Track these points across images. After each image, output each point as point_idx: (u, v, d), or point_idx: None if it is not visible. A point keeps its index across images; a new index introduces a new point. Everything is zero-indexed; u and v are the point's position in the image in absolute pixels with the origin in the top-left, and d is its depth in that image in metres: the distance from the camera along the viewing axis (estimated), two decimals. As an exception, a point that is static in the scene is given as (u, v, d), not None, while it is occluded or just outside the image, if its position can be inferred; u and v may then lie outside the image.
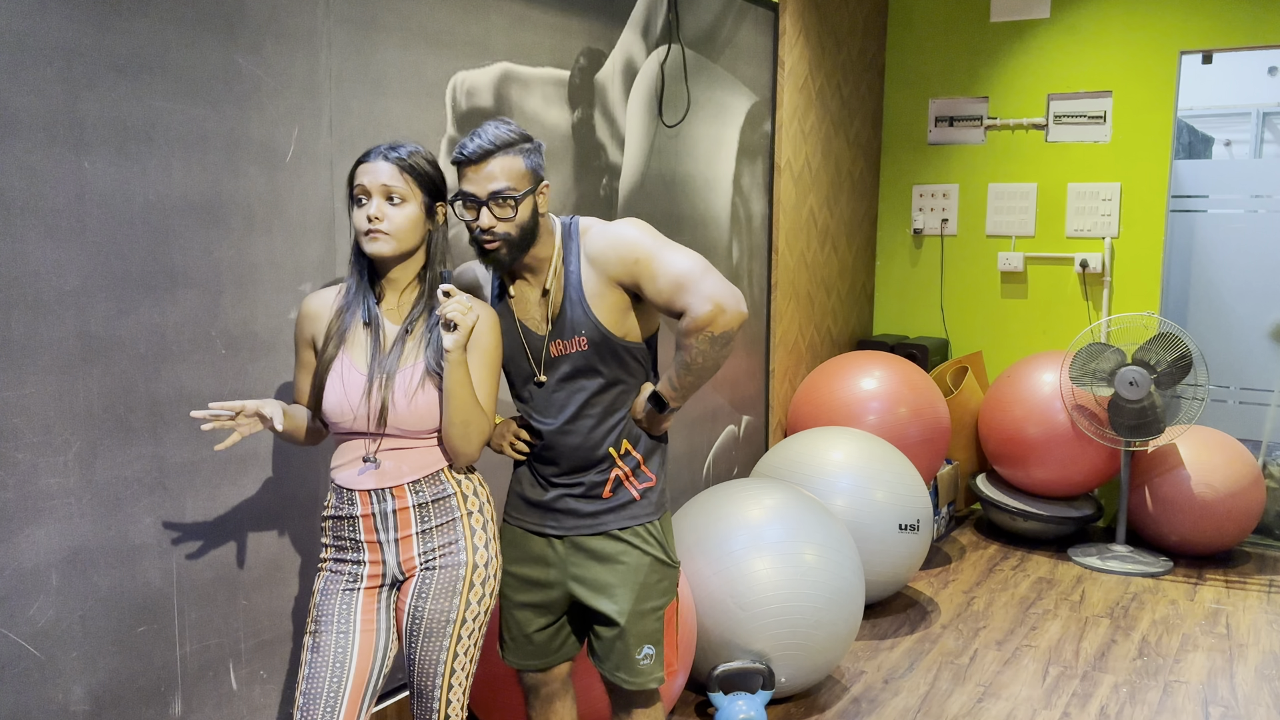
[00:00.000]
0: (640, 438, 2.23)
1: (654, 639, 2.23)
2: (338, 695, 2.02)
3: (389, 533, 2.06)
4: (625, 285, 2.12)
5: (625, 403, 2.20)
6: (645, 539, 2.23)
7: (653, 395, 2.20)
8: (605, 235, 2.13)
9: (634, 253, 2.09)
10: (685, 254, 2.09)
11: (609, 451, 2.20)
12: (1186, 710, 3.30)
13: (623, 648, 2.21)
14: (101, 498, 2.10)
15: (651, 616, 2.22)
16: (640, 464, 2.23)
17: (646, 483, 2.24)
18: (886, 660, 3.64)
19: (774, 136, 4.52)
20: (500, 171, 2.02)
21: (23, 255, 1.94)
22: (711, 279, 2.06)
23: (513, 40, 3.06)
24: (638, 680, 2.22)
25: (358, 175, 2.01)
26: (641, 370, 2.22)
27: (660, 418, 2.22)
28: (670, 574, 2.26)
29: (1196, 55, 4.99)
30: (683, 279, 2.06)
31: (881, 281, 5.73)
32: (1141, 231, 5.06)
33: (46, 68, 1.95)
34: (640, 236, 2.10)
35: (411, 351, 2.05)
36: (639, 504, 2.23)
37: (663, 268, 2.07)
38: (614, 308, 2.13)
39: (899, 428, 4.43)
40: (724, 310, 2.05)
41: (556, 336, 2.15)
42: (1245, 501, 4.56)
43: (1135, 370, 4.48)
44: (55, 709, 2.06)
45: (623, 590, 2.20)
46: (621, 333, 2.15)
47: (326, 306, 2.10)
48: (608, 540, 2.22)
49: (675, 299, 2.07)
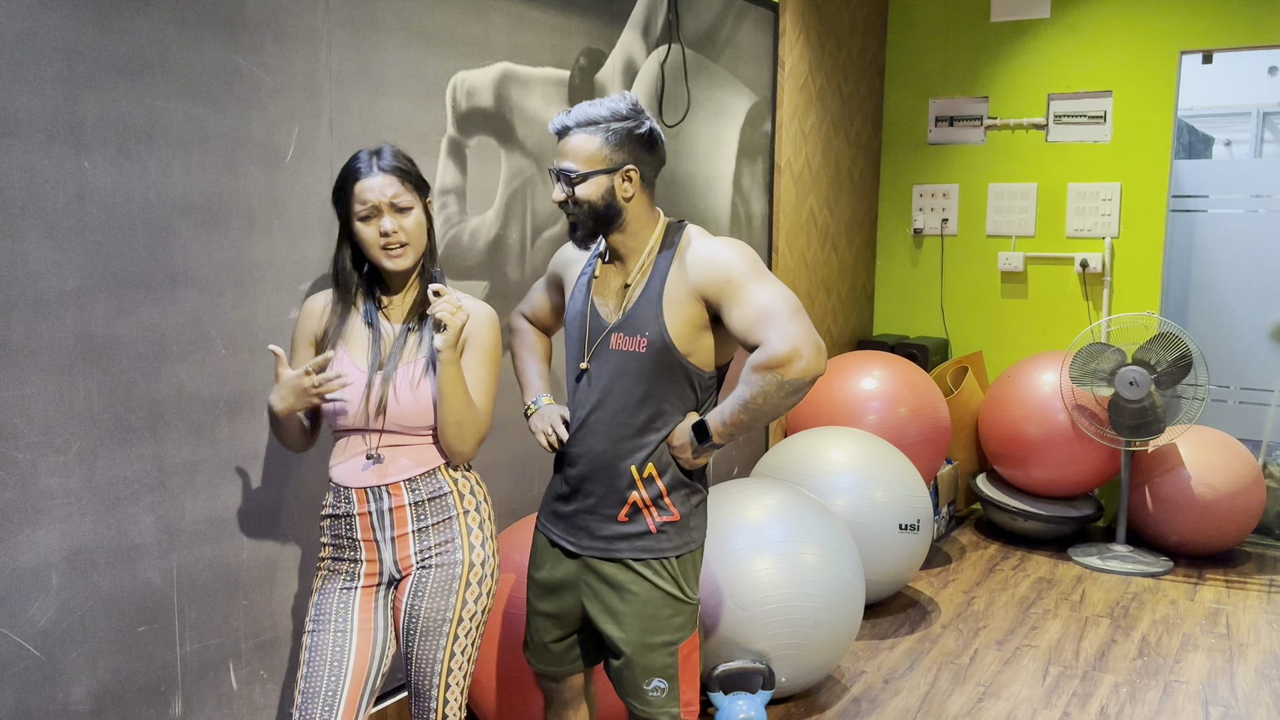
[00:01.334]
0: (669, 468, 2.12)
1: (666, 674, 2.13)
2: (336, 694, 2.02)
3: (385, 531, 2.06)
4: (709, 301, 2.03)
5: (664, 426, 2.10)
6: (658, 572, 2.12)
7: (698, 423, 2.07)
8: (707, 246, 2.07)
9: (729, 271, 2.01)
10: (781, 289, 2.00)
11: (631, 471, 2.10)
12: (1186, 710, 3.31)
13: (631, 677, 2.14)
14: (101, 498, 2.10)
15: (662, 651, 2.12)
16: (663, 495, 2.11)
17: (667, 516, 2.12)
18: (886, 660, 3.64)
19: (774, 136, 4.52)
20: (570, 149, 2.04)
21: (23, 255, 1.94)
22: (800, 321, 1.96)
23: (513, 40, 3.06)
24: (648, 710, 2.15)
25: (361, 193, 2.00)
26: (693, 399, 2.12)
27: (698, 450, 2.09)
28: (685, 610, 2.15)
29: (1196, 55, 4.99)
30: (770, 311, 1.96)
31: (881, 281, 5.73)
32: (1142, 231, 5.06)
33: (46, 68, 1.95)
34: (741, 258, 2.02)
35: (413, 347, 2.06)
36: (654, 537, 2.12)
37: (753, 294, 1.98)
38: (687, 320, 2.05)
39: (899, 428, 4.43)
40: (802, 355, 1.93)
41: (621, 329, 2.08)
42: (1245, 501, 4.56)
43: (1135, 370, 4.48)
44: (55, 709, 2.06)
45: (630, 620, 2.12)
46: (686, 350, 2.06)
47: (326, 307, 2.12)
48: (620, 567, 2.14)
49: (756, 329, 1.97)
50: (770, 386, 1.95)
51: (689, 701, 2.19)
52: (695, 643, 2.19)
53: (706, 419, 2.06)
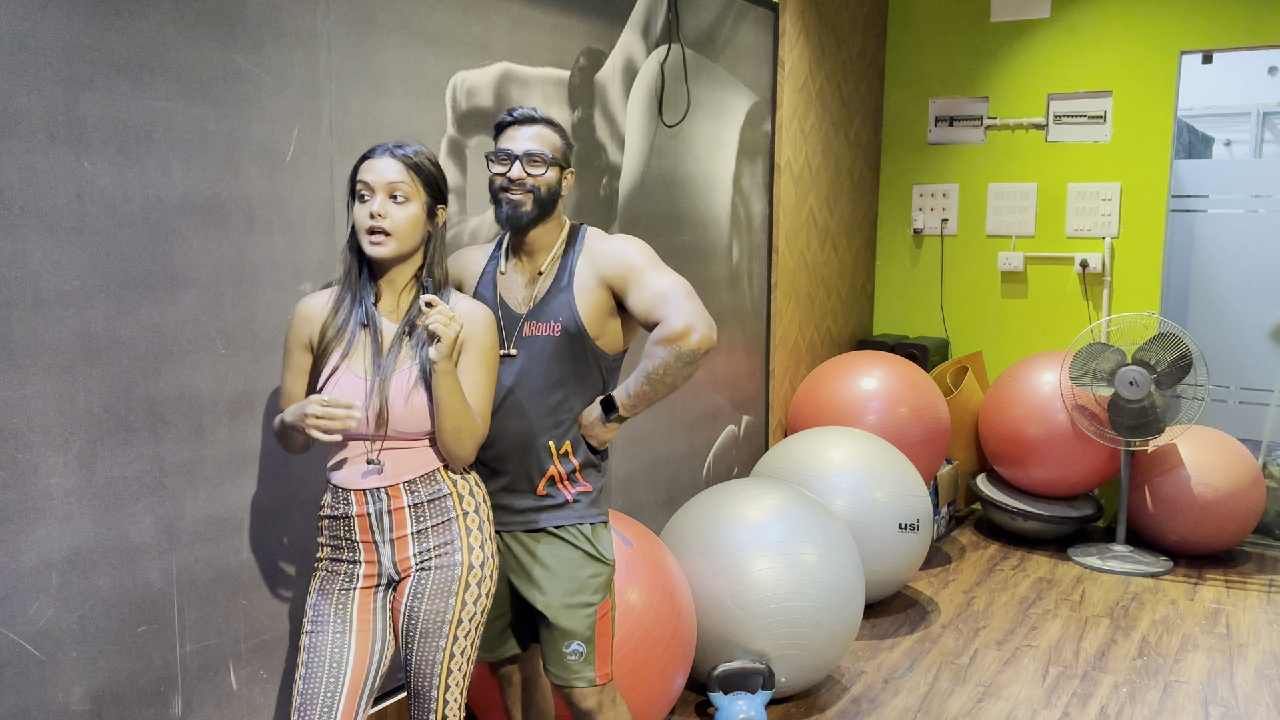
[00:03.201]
0: (580, 446, 2.31)
1: (583, 636, 2.27)
2: (334, 695, 2.02)
3: (384, 533, 2.06)
4: (614, 288, 2.26)
5: (574, 406, 2.28)
6: (575, 536, 2.29)
7: (605, 398, 2.28)
8: (609, 241, 2.31)
9: (630, 260, 2.25)
10: (675, 276, 2.25)
11: (548, 446, 2.26)
12: (1186, 710, 3.30)
13: (551, 640, 2.27)
14: (101, 498, 2.10)
15: (581, 612, 2.27)
16: (576, 470, 2.30)
17: (580, 489, 2.31)
18: (886, 660, 3.64)
19: (774, 136, 4.52)
20: (538, 137, 2.23)
21: (23, 255, 1.94)
22: (693, 301, 2.20)
23: (513, 40, 3.06)
24: (565, 676, 2.27)
25: (362, 171, 2.02)
26: (599, 382, 2.32)
27: (605, 426, 2.28)
28: (603, 570, 2.31)
29: (1196, 55, 4.99)
30: (667, 293, 2.20)
31: (881, 281, 5.73)
32: (1141, 231, 5.06)
33: (46, 68, 1.95)
34: (640, 251, 2.27)
35: (409, 353, 2.05)
36: (571, 506, 2.30)
37: (651, 279, 2.22)
38: (596, 306, 2.26)
39: (899, 428, 4.43)
40: (696, 330, 2.17)
41: (534, 318, 2.26)
42: (1245, 501, 4.56)
43: (1135, 370, 4.48)
44: (55, 709, 2.06)
45: (551, 583, 2.27)
46: (595, 334, 2.27)
47: (321, 309, 2.10)
48: (540, 535, 2.29)
49: (655, 309, 2.20)
50: (670, 358, 2.18)
51: (602, 665, 2.31)
52: (609, 607, 2.32)
53: (613, 394, 2.28)
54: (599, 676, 2.30)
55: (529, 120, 2.24)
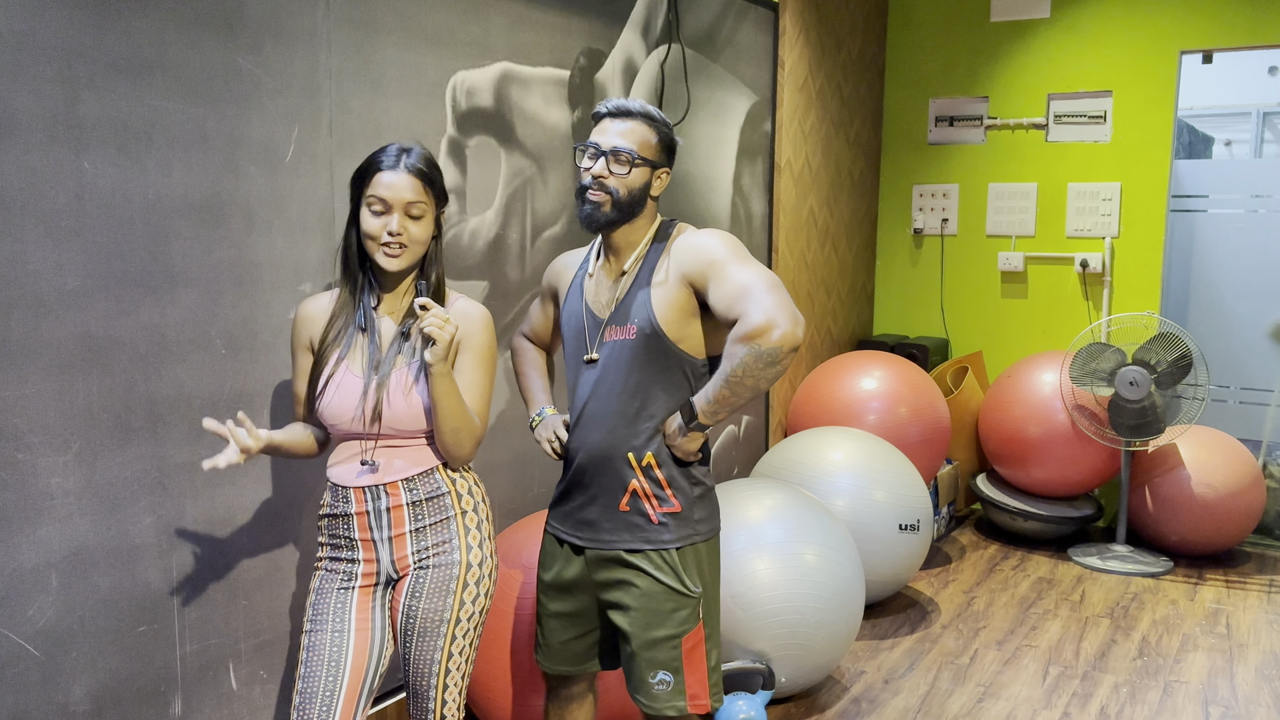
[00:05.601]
0: (668, 459, 2.14)
1: (669, 667, 2.13)
2: (333, 694, 2.02)
3: (383, 531, 2.06)
4: (695, 285, 2.08)
5: (657, 415, 2.12)
6: (658, 565, 2.13)
7: (685, 405, 2.11)
8: (694, 235, 2.14)
9: (711, 253, 2.07)
10: (761, 268, 2.05)
11: (629, 458, 2.12)
12: (1186, 710, 3.30)
13: (636, 670, 2.15)
14: (101, 498, 2.10)
15: (665, 644, 2.13)
16: (663, 486, 2.13)
17: (668, 508, 2.14)
18: (886, 660, 3.64)
19: (774, 136, 4.52)
20: (630, 134, 2.09)
21: (23, 255, 1.94)
22: (777, 295, 1.99)
23: (513, 40, 3.06)
24: (654, 705, 2.15)
25: (375, 186, 1.99)
26: (687, 387, 2.14)
27: (687, 435, 2.10)
28: (687, 604, 2.14)
29: (1196, 55, 4.99)
30: (749, 287, 2.00)
31: (881, 281, 5.73)
32: (1141, 231, 5.06)
33: (46, 68, 1.95)
34: (723, 243, 2.09)
35: (408, 351, 2.05)
36: (655, 528, 2.14)
37: (733, 273, 2.03)
38: (675, 305, 2.09)
39: (899, 428, 4.43)
40: (777, 325, 1.95)
41: (614, 321, 2.13)
42: (1245, 501, 4.56)
43: (1135, 370, 4.48)
44: (55, 709, 2.06)
45: (635, 612, 2.13)
46: (676, 336, 2.10)
47: (322, 311, 2.11)
48: (620, 562, 2.16)
49: (736, 304, 2.00)
50: (749, 358, 1.97)
51: (695, 695, 2.17)
52: (700, 636, 2.17)
53: (693, 399, 2.09)
54: (690, 706, 2.16)
55: (624, 113, 2.10)
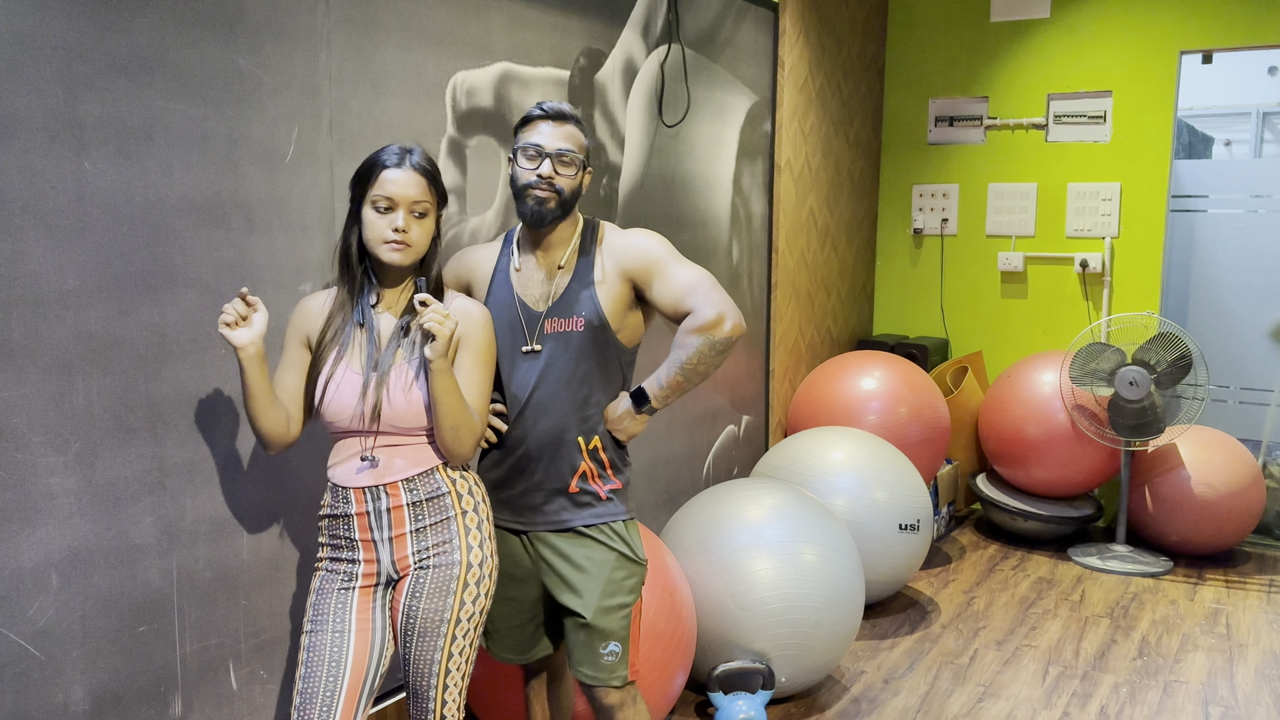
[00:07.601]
0: (608, 442, 2.30)
1: (619, 636, 2.26)
2: (334, 694, 2.02)
3: (383, 531, 2.06)
4: (636, 281, 2.25)
5: (600, 401, 2.28)
6: (610, 536, 2.28)
7: (636, 390, 2.27)
8: (627, 234, 2.31)
9: (652, 253, 2.26)
10: (696, 267, 2.26)
11: (578, 442, 2.25)
12: (1186, 710, 3.31)
13: (588, 642, 2.25)
14: (101, 498, 2.10)
15: (618, 613, 2.25)
16: (606, 466, 2.29)
17: (612, 485, 2.30)
18: (886, 660, 3.64)
19: (774, 136, 4.52)
20: (571, 137, 2.23)
21: (23, 255, 1.94)
22: (720, 292, 2.22)
23: (513, 40, 3.06)
24: (601, 676, 2.26)
25: (381, 184, 2.01)
26: (619, 376, 2.32)
27: (636, 418, 2.28)
28: (637, 571, 2.30)
29: (1196, 55, 4.99)
30: (693, 284, 2.22)
31: (881, 281, 5.73)
32: (1141, 231, 5.06)
33: (46, 68, 1.95)
34: (660, 243, 2.28)
35: (408, 347, 2.06)
36: (605, 504, 2.29)
37: (675, 271, 2.24)
38: (617, 299, 2.25)
39: (899, 428, 4.43)
40: (728, 318, 2.20)
41: (555, 314, 2.24)
42: (1245, 501, 4.56)
43: (1135, 370, 4.48)
44: (55, 709, 2.06)
45: (588, 586, 2.24)
46: (616, 327, 2.26)
47: (320, 308, 2.12)
48: (574, 536, 2.28)
49: (683, 300, 2.21)
50: (704, 347, 2.20)
51: (633, 664, 2.31)
52: (640, 608, 2.32)
53: (643, 385, 2.27)
54: (630, 675, 2.29)
55: (561, 117, 2.22)
